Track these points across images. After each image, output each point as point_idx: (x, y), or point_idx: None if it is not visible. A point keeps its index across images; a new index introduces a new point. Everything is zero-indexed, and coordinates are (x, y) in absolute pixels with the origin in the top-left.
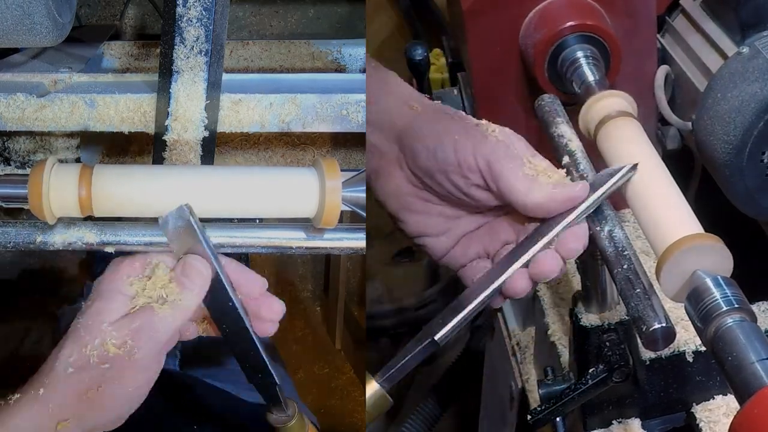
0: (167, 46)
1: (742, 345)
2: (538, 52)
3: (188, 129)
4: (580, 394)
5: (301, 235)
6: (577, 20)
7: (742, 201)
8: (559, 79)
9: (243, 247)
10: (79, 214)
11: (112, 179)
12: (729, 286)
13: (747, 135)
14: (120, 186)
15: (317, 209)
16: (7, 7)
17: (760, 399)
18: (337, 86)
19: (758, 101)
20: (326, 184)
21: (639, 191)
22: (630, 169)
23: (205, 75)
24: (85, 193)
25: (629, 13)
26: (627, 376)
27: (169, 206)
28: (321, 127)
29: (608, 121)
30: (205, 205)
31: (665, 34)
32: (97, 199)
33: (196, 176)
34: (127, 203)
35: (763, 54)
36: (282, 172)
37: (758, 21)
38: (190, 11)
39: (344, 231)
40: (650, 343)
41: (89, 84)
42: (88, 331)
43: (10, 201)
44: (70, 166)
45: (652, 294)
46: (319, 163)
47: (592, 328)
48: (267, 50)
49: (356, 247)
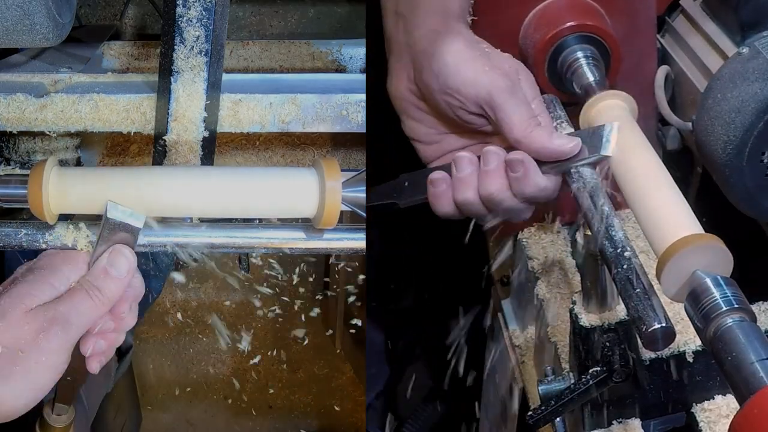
0: (167, 46)
1: (742, 345)
2: (538, 52)
3: (188, 129)
4: (580, 394)
5: (301, 235)
6: (577, 20)
7: (742, 201)
8: (559, 79)
9: (243, 247)
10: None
11: (112, 180)
12: (729, 286)
13: (747, 135)
14: (119, 187)
15: (317, 209)
16: (7, 7)
17: (760, 399)
18: (337, 86)
19: (758, 101)
20: (326, 184)
21: (639, 191)
22: (613, 128)
23: (205, 75)
24: (85, 193)
25: (629, 13)
26: (627, 376)
27: (169, 207)
28: (321, 127)
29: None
30: (205, 206)
31: (665, 34)
32: (96, 200)
33: (196, 176)
34: (127, 204)
35: (763, 54)
36: (282, 172)
37: (758, 21)
38: (190, 11)
39: (344, 231)
40: (650, 343)
41: (89, 84)
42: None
43: (10, 201)
44: (70, 166)
45: (652, 294)
46: (319, 163)
47: (592, 328)
48: (267, 50)
49: (356, 247)
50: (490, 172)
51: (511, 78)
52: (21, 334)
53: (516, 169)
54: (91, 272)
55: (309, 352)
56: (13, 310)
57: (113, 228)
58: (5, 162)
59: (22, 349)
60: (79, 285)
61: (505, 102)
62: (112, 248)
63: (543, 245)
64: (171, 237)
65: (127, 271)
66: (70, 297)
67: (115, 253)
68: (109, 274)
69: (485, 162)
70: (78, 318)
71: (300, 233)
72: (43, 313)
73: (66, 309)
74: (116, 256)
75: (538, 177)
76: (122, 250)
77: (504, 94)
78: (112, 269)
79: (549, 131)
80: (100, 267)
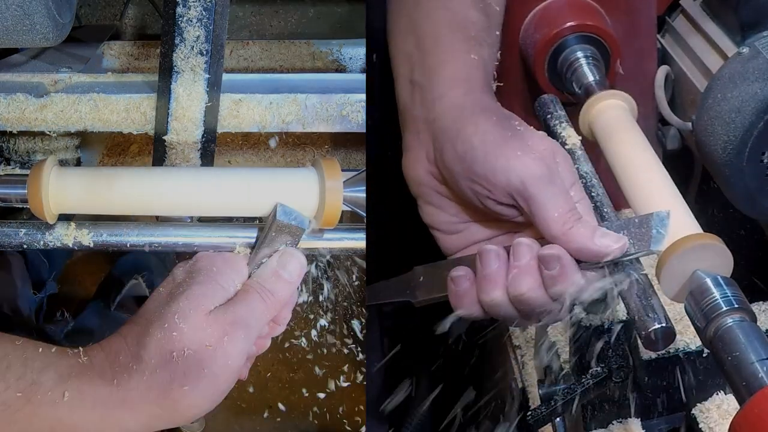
0: (167, 46)
1: (742, 345)
2: (538, 52)
3: (188, 129)
4: (580, 394)
5: None
6: (577, 20)
7: (742, 201)
8: (559, 79)
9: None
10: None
11: (112, 180)
12: (729, 286)
13: (747, 135)
14: (120, 187)
15: (317, 209)
16: (7, 7)
17: (760, 399)
18: (337, 86)
19: (758, 101)
20: (326, 184)
21: (639, 192)
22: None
23: (205, 75)
24: (85, 193)
25: (629, 13)
26: (627, 376)
27: (169, 206)
28: (321, 127)
29: (608, 121)
30: (205, 206)
31: (665, 34)
32: (95, 200)
33: (196, 176)
34: (127, 204)
35: (763, 54)
36: (282, 172)
37: (758, 21)
38: (190, 11)
39: (344, 231)
40: (650, 343)
41: (89, 84)
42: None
43: (10, 201)
44: (70, 166)
45: (652, 294)
46: (319, 163)
47: (592, 328)
48: (267, 50)
49: (356, 247)
50: (521, 267)
51: (548, 163)
52: (205, 337)
53: (551, 266)
54: (261, 274)
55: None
56: (194, 312)
57: (280, 230)
58: (5, 162)
59: (208, 353)
60: (251, 287)
61: (541, 193)
62: (284, 251)
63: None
64: (171, 237)
65: (298, 275)
66: (245, 300)
67: (286, 256)
68: (280, 276)
69: (516, 257)
70: (256, 321)
71: None
72: (224, 316)
73: (245, 312)
74: (288, 258)
75: (577, 275)
76: (294, 252)
77: (540, 183)
78: (283, 272)
79: (591, 228)
80: (272, 269)
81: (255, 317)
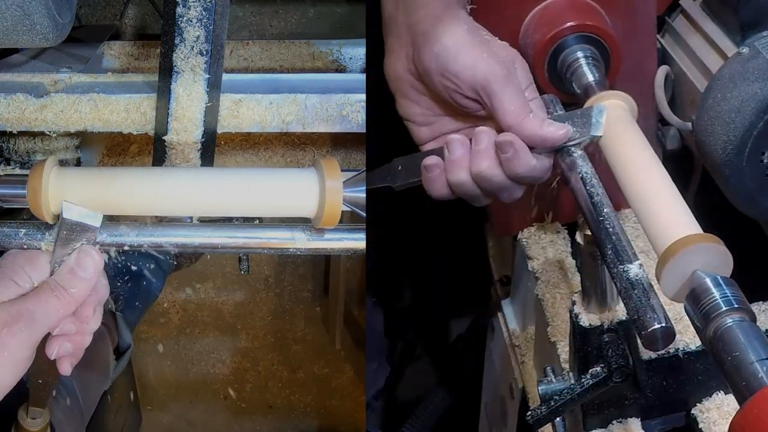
0: (167, 46)
1: (741, 345)
2: (538, 52)
3: (188, 129)
4: (580, 394)
5: (301, 235)
6: (577, 20)
7: (742, 201)
8: (559, 79)
9: (243, 248)
10: None
11: (112, 180)
12: (729, 286)
13: (747, 135)
14: (120, 187)
15: (317, 209)
16: (7, 7)
17: (760, 399)
18: (337, 86)
19: (758, 101)
20: (326, 184)
21: (639, 191)
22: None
23: (205, 75)
24: (84, 193)
25: (629, 13)
26: (627, 376)
27: (169, 206)
28: (321, 127)
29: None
30: (205, 206)
31: (665, 34)
32: (95, 200)
33: (196, 176)
34: (127, 204)
35: (763, 54)
36: (282, 172)
37: (758, 21)
38: (190, 11)
39: (344, 231)
40: (650, 343)
41: (89, 84)
42: None
43: (10, 201)
44: (70, 166)
45: (652, 294)
46: (319, 163)
47: (592, 328)
48: (267, 50)
49: (356, 248)
50: (481, 151)
51: (508, 66)
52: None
53: (506, 149)
54: (58, 272)
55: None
56: None
57: (71, 228)
58: (5, 162)
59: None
60: (45, 284)
61: (501, 90)
62: (80, 249)
63: (543, 245)
64: (171, 237)
65: (94, 272)
66: (36, 295)
67: (82, 254)
68: (76, 274)
69: (476, 142)
70: (43, 316)
71: (300, 233)
72: (8, 309)
73: (32, 306)
74: (83, 256)
75: (528, 157)
76: (89, 250)
77: (500, 82)
78: (79, 269)
79: (540, 119)
80: (68, 267)
81: (43, 311)
